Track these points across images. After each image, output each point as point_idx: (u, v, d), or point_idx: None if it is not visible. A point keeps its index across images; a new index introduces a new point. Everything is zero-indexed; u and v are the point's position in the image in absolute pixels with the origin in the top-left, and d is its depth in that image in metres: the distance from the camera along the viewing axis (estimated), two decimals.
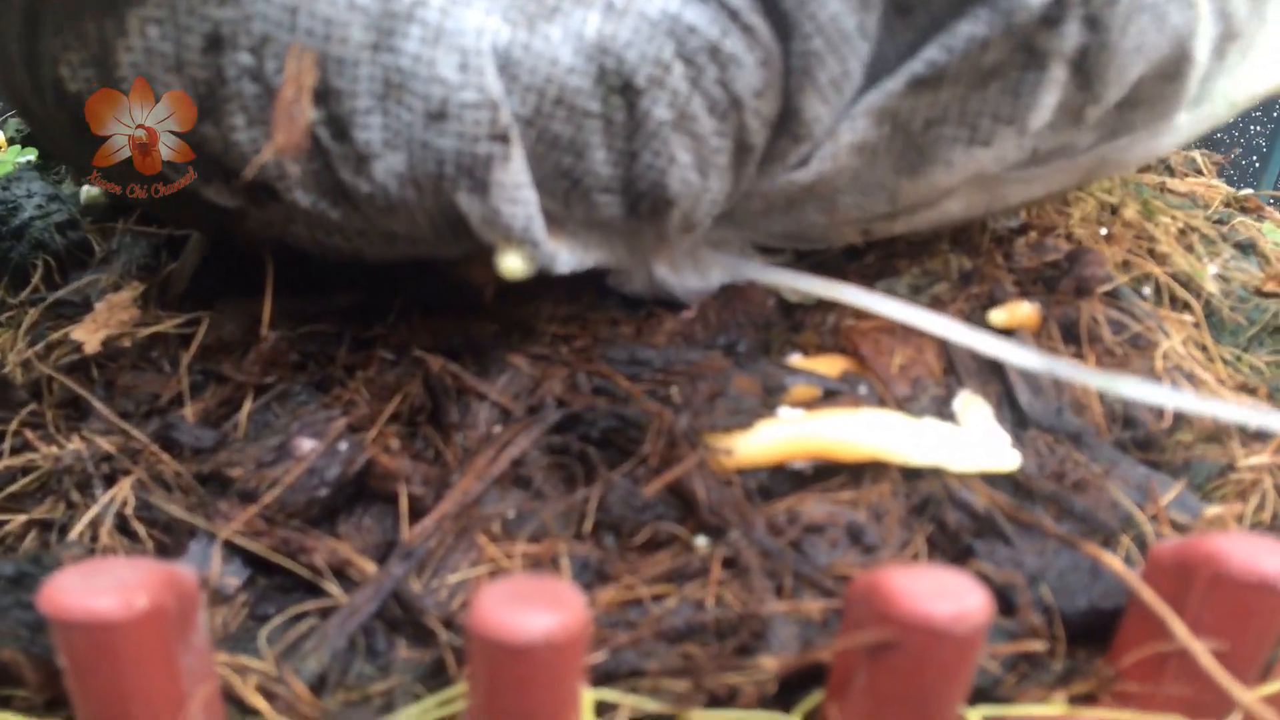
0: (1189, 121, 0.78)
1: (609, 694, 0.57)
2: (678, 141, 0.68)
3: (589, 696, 0.55)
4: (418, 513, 0.70)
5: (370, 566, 0.67)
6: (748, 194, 0.78)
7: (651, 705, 0.58)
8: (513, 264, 0.71)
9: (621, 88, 0.65)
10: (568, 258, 0.75)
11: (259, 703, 0.59)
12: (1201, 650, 0.57)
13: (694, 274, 0.86)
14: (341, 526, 0.70)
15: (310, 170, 0.69)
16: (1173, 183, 1.16)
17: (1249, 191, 1.21)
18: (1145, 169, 1.19)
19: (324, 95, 0.65)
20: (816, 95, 0.68)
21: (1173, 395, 0.73)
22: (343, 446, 0.70)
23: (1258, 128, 2.31)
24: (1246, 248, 1.10)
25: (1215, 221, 1.13)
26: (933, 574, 0.53)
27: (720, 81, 0.67)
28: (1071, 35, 0.65)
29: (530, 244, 0.70)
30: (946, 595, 0.51)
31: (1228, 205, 1.20)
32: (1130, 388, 0.73)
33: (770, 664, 0.60)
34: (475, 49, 0.63)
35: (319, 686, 0.61)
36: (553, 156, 0.69)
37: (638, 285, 0.87)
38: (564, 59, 0.64)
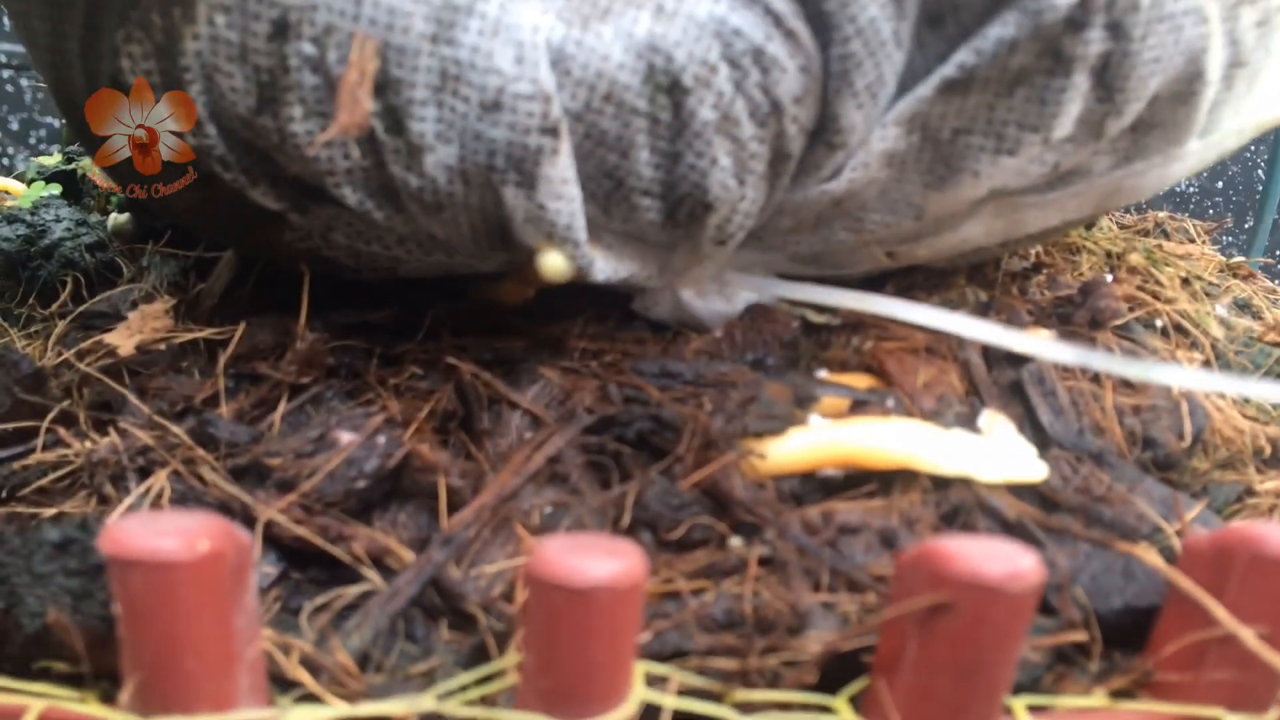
0: (1199, 149, 0.81)
1: (658, 668, 0.57)
2: (720, 144, 0.70)
3: (639, 667, 0.55)
4: (455, 506, 0.70)
5: (410, 555, 0.67)
6: (779, 209, 0.80)
7: (698, 682, 0.58)
8: (554, 263, 0.72)
9: (669, 87, 0.68)
10: (603, 266, 0.76)
11: (302, 676, 0.58)
12: (1245, 632, 0.57)
13: (719, 298, 0.88)
14: (377, 523, 0.70)
15: (361, 166, 0.70)
16: (1169, 246, 1.19)
17: (1240, 259, 1.24)
18: (1144, 232, 1.23)
19: (382, 87, 0.66)
20: (853, 101, 0.71)
21: (1208, 378, 0.75)
22: (381, 440, 0.70)
23: (1241, 194, 2.38)
24: (1242, 306, 1.12)
25: (1211, 285, 1.16)
26: (984, 540, 0.54)
27: (762, 86, 0.69)
28: (1095, 41, 0.68)
29: (572, 243, 0.72)
30: (999, 557, 0.52)
31: (1220, 272, 1.22)
32: (1164, 374, 0.74)
33: (816, 643, 0.61)
34: (531, 43, 0.65)
35: (362, 664, 0.61)
36: (598, 154, 0.70)
37: (663, 309, 0.89)
38: (615, 56, 0.67)
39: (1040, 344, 0.77)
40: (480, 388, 0.78)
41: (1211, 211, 2.36)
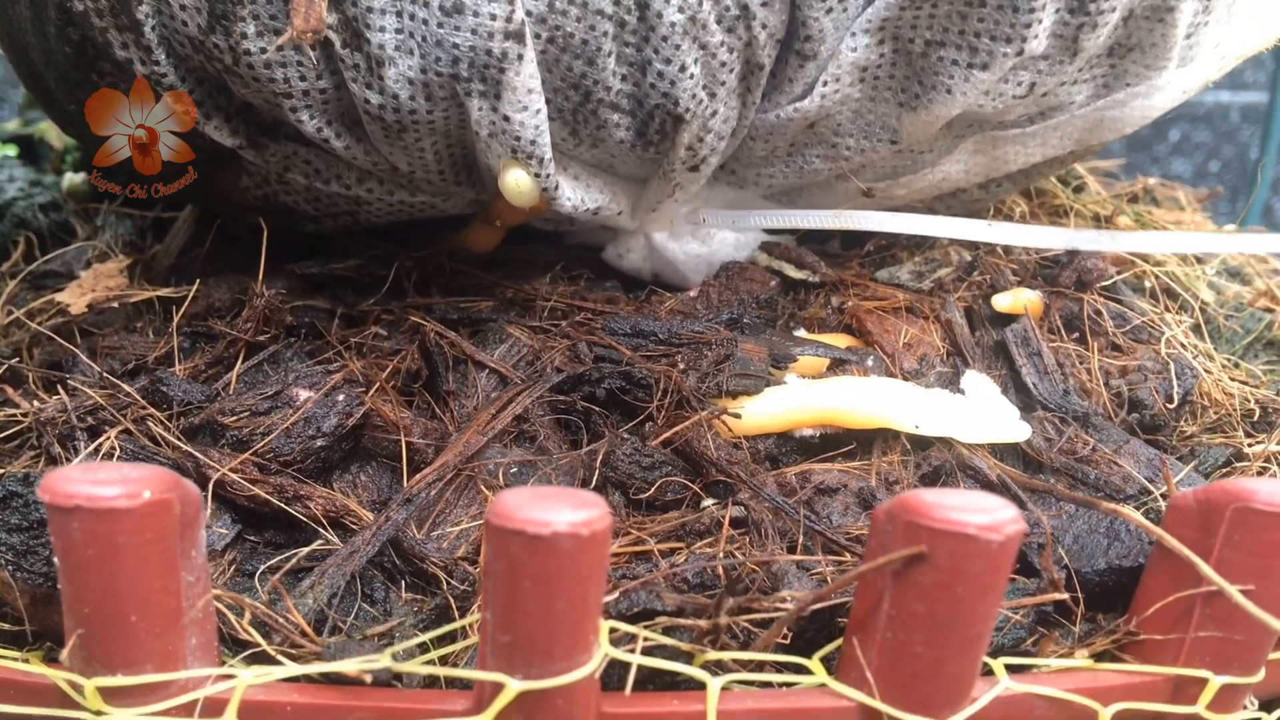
0: (1181, 78, 0.80)
1: (624, 626, 0.55)
2: (688, 50, 0.68)
3: (602, 625, 0.53)
4: (418, 467, 0.68)
5: (369, 516, 0.65)
6: (751, 134, 0.79)
7: (667, 641, 0.56)
8: (518, 181, 0.70)
9: None
10: (570, 194, 0.74)
11: (255, 637, 0.56)
12: (1232, 588, 0.55)
13: (694, 240, 0.86)
14: (337, 483, 0.68)
15: (319, 88, 0.68)
16: (1158, 213, 1.16)
17: (1231, 228, 1.22)
18: (1132, 199, 1.21)
19: None
20: (821, 5, 0.69)
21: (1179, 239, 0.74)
22: (340, 398, 0.68)
23: (1234, 176, 2.36)
24: (1233, 274, 1.10)
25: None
26: (962, 493, 0.52)
27: None
28: None
29: (536, 160, 0.70)
30: (978, 507, 0.50)
31: None
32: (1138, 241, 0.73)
33: (790, 599, 0.58)
34: None
35: (319, 626, 0.59)
36: (564, 61, 0.68)
37: (636, 255, 0.86)
38: None
39: (1038, 234, 0.76)
40: (445, 347, 0.75)
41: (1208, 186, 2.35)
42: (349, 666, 0.52)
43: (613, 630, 0.53)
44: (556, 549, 0.46)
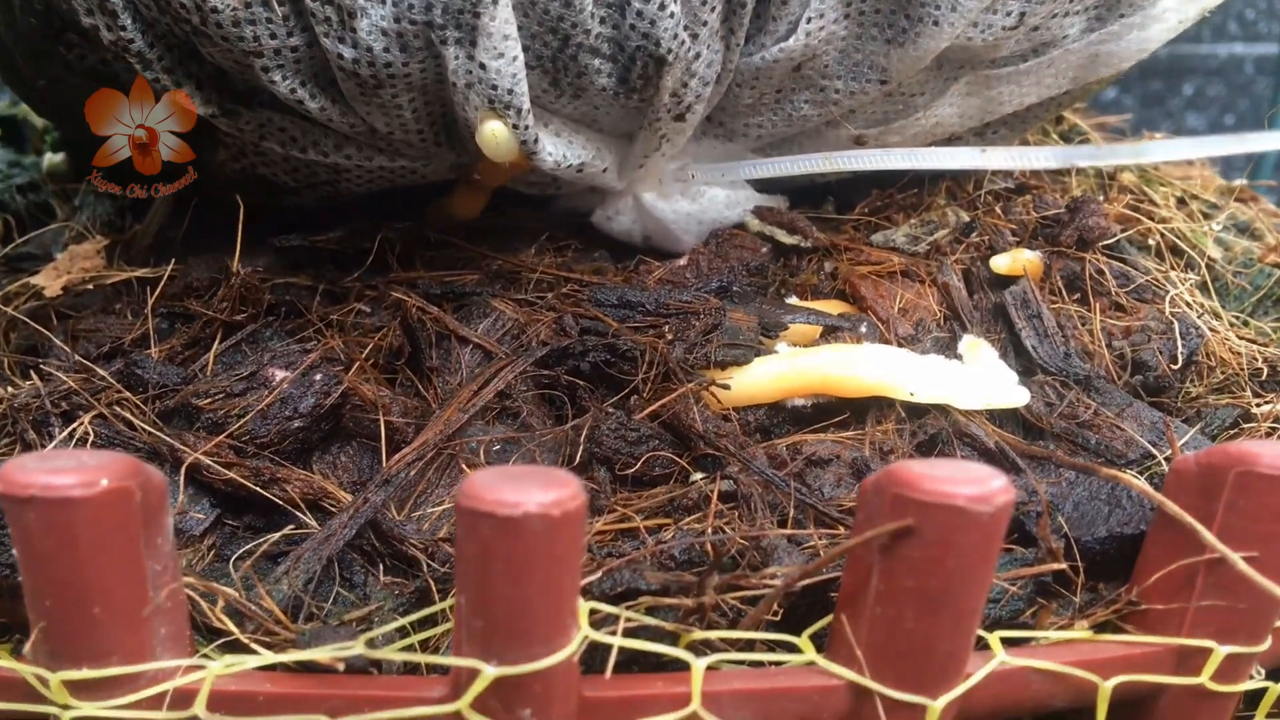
0: (1176, 6, 0.77)
1: (605, 607, 0.53)
2: None
3: (583, 607, 0.51)
4: (398, 447, 0.67)
5: (349, 498, 0.63)
6: (737, 81, 0.77)
7: (650, 621, 0.54)
8: (495, 130, 0.68)
9: None
10: (552, 149, 0.73)
11: (228, 626, 0.55)
12: (1234, 555, 0.54)
13: (684, 198, 0.84)
14: (316, 465, 0.67)
15: (290, 46, 0.66)
16: (1166, 169, 1.14)
17: (1242, 181, 1.19)
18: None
19: None
20: None
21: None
22: (317, 377, 0.66)
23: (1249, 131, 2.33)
24: (1242, 229, 1.08)
25: (1210, 206, 1.11)
26: (951, 462, 0.50)
27: None
28: None
29: (514, 110, 0.68)
30: (967, 478, 0.48)
31: (1221, 195, 1.18)
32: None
33: (779, 575, 0.57)
34: None
35: (295, 611, 0.57)
36: (540, 4, 0.67)
37: (626, 219, 0.85)
38: None
39: (1032, 153, 0.74)
40: (429, 323, 0.74)
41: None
42: (321, 655, 0.50)
43: (594, 611, 0.52)
44: (527, 531, 0.45)
